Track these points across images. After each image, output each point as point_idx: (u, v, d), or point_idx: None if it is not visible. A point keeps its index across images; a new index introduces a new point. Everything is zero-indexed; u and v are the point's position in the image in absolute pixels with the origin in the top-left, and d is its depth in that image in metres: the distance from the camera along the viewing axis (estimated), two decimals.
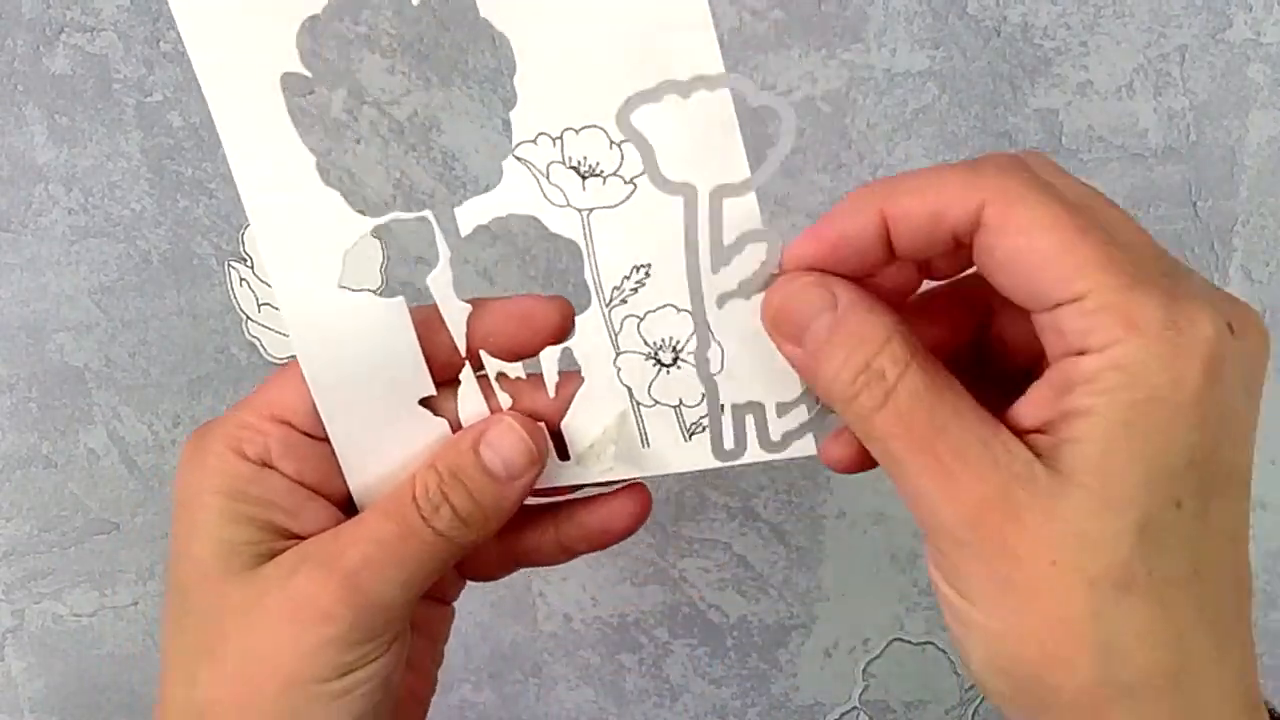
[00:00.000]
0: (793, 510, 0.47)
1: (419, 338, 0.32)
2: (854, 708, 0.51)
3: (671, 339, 0.32)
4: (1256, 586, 0.47)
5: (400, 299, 0.32)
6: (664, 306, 0.31)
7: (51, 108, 0.45)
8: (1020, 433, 0.26)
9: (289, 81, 0.30)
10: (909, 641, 0.49)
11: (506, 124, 0.29)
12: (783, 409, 0.32)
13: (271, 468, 0.32)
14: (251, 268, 0.45)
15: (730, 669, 0.50)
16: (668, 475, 0.35)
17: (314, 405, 0.32)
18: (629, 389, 0.32)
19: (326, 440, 0.32)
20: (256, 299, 0.46)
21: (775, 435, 0.32)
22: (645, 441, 0.33)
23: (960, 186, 0.26)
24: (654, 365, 0.32)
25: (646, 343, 0.32)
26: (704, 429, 0.33)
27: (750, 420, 0.32)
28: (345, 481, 0.33)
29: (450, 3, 0.45)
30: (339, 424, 0.32)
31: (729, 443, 0.33)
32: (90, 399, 0.46)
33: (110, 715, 0.47)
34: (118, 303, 0.46)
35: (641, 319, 0.32)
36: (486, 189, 0.31)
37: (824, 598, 0.48)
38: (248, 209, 0.31)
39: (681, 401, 0.32)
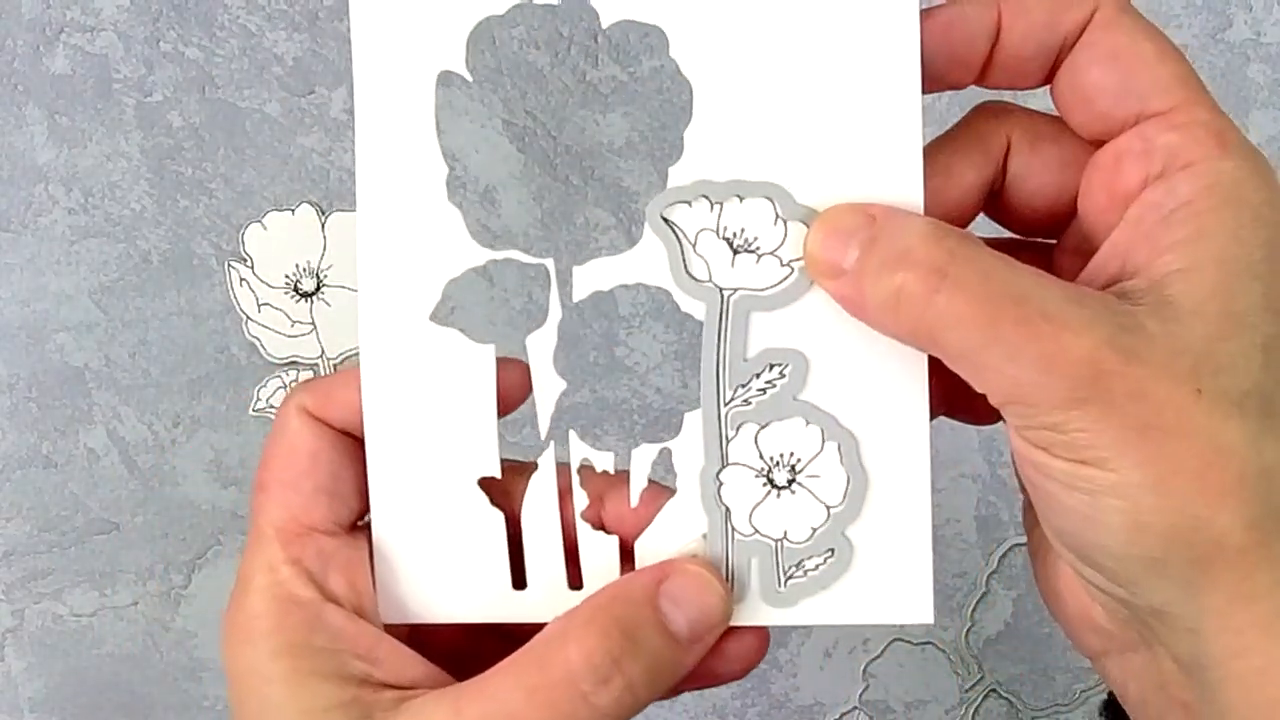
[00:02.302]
0: None
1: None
2: (854, 708, 0.51)
3: (791, 456, 0.27)
4: None
5: (491, 348, 0.28)
6: (793, 417, 0.27)
7: (51, 108, 0.45)
8: (1104, 287, 0.25)
9: (444, 81, 0.28)
10: (909, 641, 0.49)
11: (664, 178, 0.27)
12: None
13: (328, 602, 0.26)
14: (252, 268, 0.45)
15: None
16: None
17: (333, 490, 0.27)
18: (727, 510, 0.27)
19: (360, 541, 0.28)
20: (256, 299, 0.46)
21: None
22: (730, 578, 0.27)
23: None
24: (764, 485, 0.27)
25: (762, 456, 0.27)
26: (803, 572, 0.27)
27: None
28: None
29: None
30: (386, 488, 0.28)
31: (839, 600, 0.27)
32: (90, 399, 0.46)
33: (110, 715, 0.47)
34: (118, 303, 0.46)
35: (763, 427, 0.27)
36: (616, 250, 0.28)
37: None
38: (359, 206, 0.27)
39: (786, 535, 0.27)
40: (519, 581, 0.28)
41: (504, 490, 0.28)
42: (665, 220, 0.27)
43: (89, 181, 0.45)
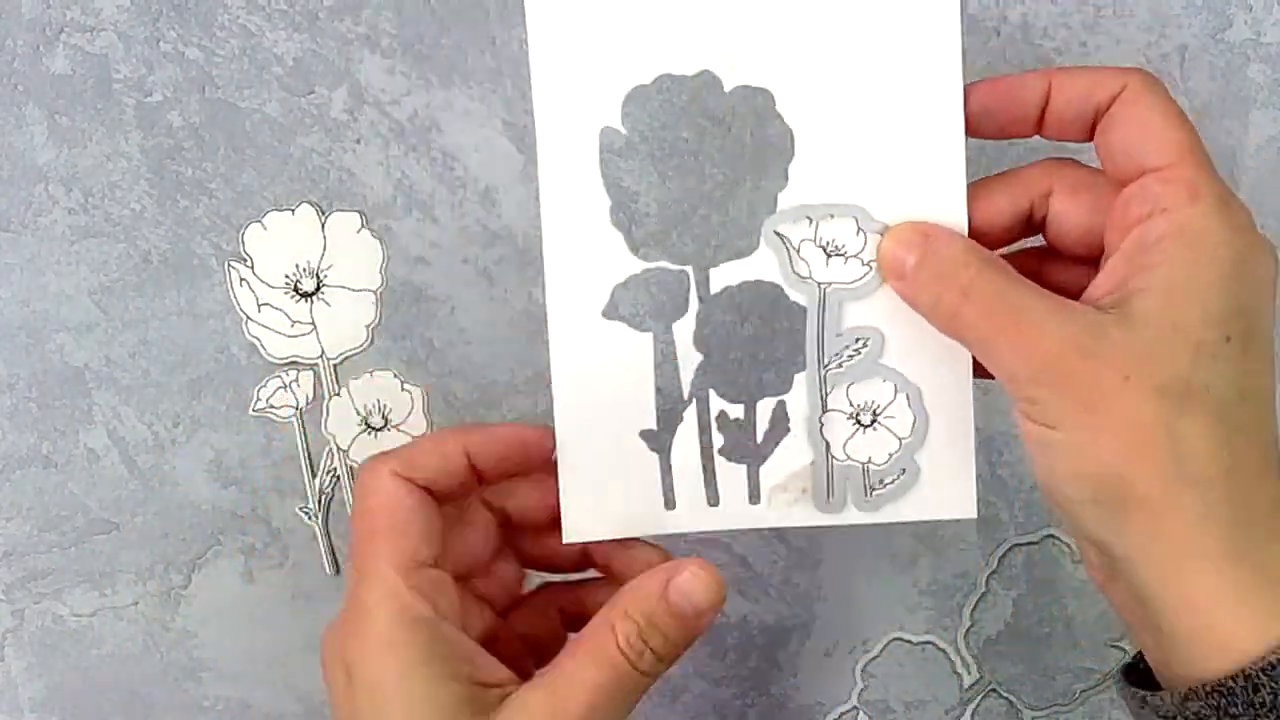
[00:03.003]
0: None
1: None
2: (854, 707, 0.51)
3: (873, 404, 0.38)
4: None
5: (650, 335, 0.37)
6: (874, 376, 0.37)
7: (51, 108, 0.45)
8: (1095, 302, 0.33)
9: (606, 134, 0.36)
10: (909, 641, 0.49)
11: (775, 203, 0.37)
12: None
13: (442, 619, 0.34)
14: (252, 268, 0.45)
15: (730, 669, 0.50)
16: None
17: (428, 534, 0.35)
18: (827, 443, 0.38)
19: (439, 570, 0.36)
20: (256, 299, 0.46)
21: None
22: (830, 493, 0.38)
23: (1113, 73, 0.34)
24: (854, 425, 0.38)
25: (851, 404, 0.38)
26: (884, 485, 0.38)
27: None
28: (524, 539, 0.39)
29: (453, 3, 0.45)
30: (570, 441, 0.37)
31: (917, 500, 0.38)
32: (90, 399, 0.46)
33: (110, 715, 0.48)
34: (118, 303, 0.46)
35: (852, 384, 0.38)
36: (739, 256, 0.37)
37: (824, 598, 0.48)
38: (545, 231, 0.37)
39: (870, 460, 0.38)
40: (670, 504, 0.38)
41: (659, 438, 0.38)
42: (777, 234, 0.37)
43: (89, 181, 0.45)
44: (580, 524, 0.38)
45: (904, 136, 0.36)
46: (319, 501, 0.47)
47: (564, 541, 0.38)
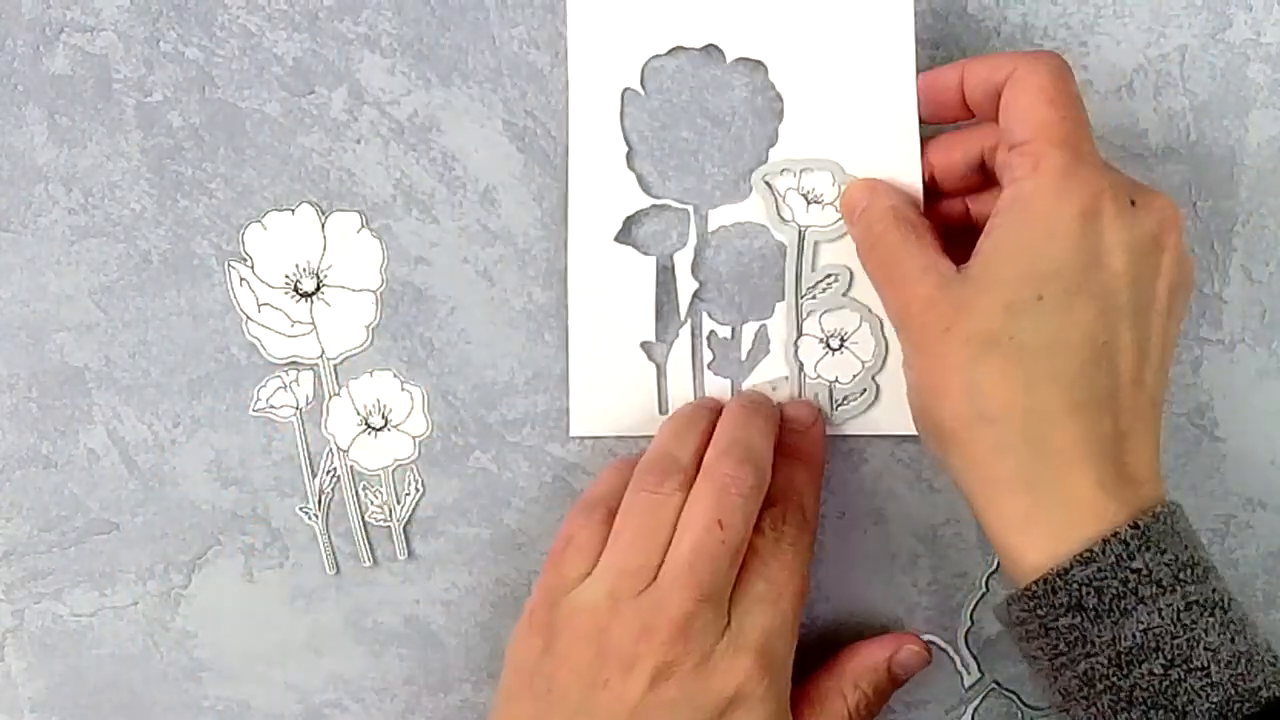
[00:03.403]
0: None
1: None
2: None
3: (841, 330, 0.44)
4: (1256, 587, 0.48)
5: (654, 259, 0.44)
6: (843, 308, 0.44)
7: (51, 108, 0.45)
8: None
9: (628, 95, 0.44)
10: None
11: (765, 156, 0.44)
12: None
13: None
14: (252, 267, 0.45)
15: None
16: None
17: None
18: (801, 364, 0.45)
19: None
20: (256, 299, 0.46)
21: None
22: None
23: (1009, 58, 0.39)
24: (824, 348, 0.45)
25: (823, 330, 0.44)
26: (848, 402, 0.45)
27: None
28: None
29: (450, 2, 0.45)
30: (580, 350, 0.45)
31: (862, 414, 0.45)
32: (90, 399, 0.46)
33: (110, 715, 0.48)
34: (118, 303, 0.46)
35: (824, 312, 0.44)
36: (734, 201, 0.44)
37: (824, 598, 0.48)
38: (571, 169, 0.44)
39: (837, 379, 0.45)
40: (664, 409, 0.45)
41: (656, 350, 0.44)
42: (765, 182, 0.44)
43: (89, 181, 0.45)
44: (586, 421, 0.45)
45: (870, 103, 0.43)
46: (319, 501, 0.47)
47: (570, 434, 0.45)
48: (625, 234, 0.44)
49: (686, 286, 0.44)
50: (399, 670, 0.48)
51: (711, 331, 0.45)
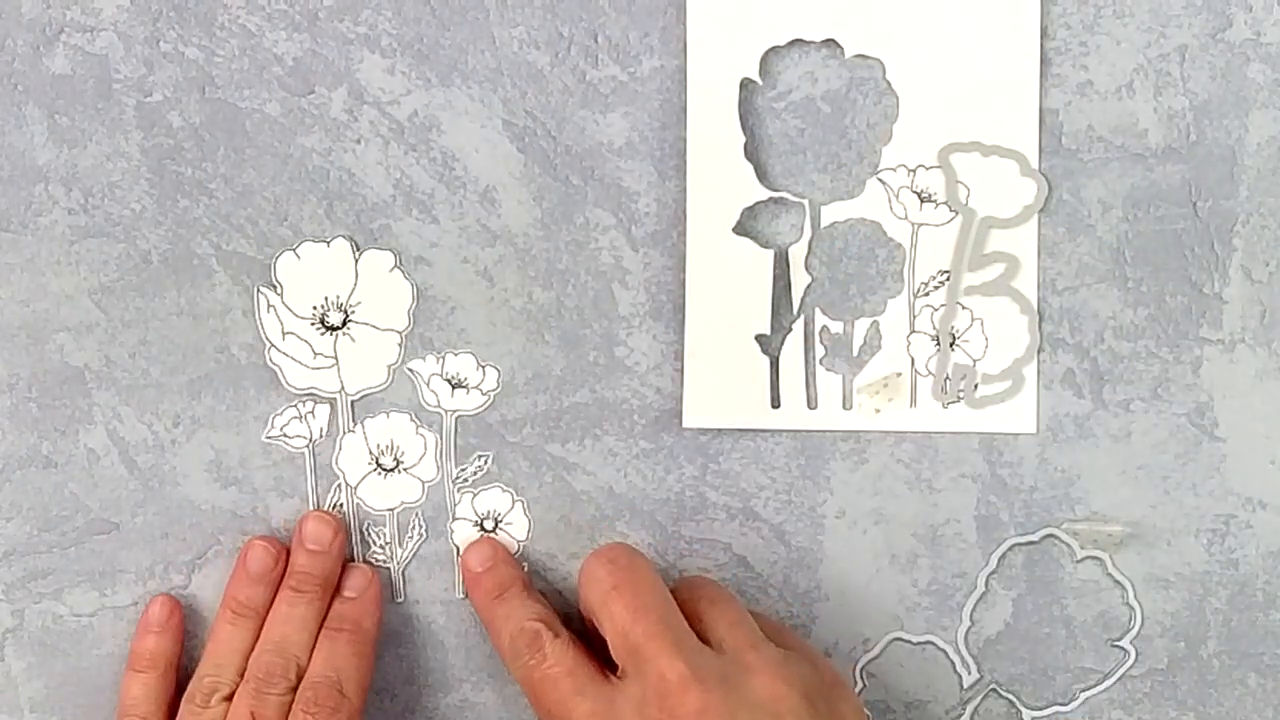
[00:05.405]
0: (793, 510, 0.47)
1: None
2: None
3: (953, 327, 0.45)
4: (1256, 587, 0.48)
5: (771, 252, 0.45)
6: (955, 304, 0.45)
7: (51, 108, 0.45)
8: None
9: (746, 85, 0.44)
10: (909, 641, 0.49)
11: (879, 156, 0.45)
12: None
13: None
14: (281, 295, 0.45)
15: None
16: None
17: None
18: (912, 359, 0.45)
19: None
20: (282, 327, 0.46)
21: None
22: (913, 403, 0.46)
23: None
24: (935, 344, 0.45)
25: (934, 326, 0.45)
26: (959, 400, 0.45)
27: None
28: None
29: (452, 2, 0.45)
30: (696, 339, 0.45)
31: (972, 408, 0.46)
32: (90, 399, 0.46)
33: (110, 715, 0.47)
34: (118, 303, 0.46)
35: (936, 310, 0.45)
36: (848, 197, 0.45)
37: (824, 598, 0.48)
38: (689, 158, 0.44)
39: (948, 376, 0.45)
40: (775, 403, 0.46)
41: (771, 343, 0.45)
42: (880, 180, 0.45)
43: (89, 181, 0.45)
44: (699, 413, 0.45)
45: (988, 107, 0.44)
46: None
47: (684, 425, 0.45)
48: (742, 226, 0.44)
49: (800, 280, 0.45)
50: (399, 670, 0.48)
51: (824, 326, 0.45)
